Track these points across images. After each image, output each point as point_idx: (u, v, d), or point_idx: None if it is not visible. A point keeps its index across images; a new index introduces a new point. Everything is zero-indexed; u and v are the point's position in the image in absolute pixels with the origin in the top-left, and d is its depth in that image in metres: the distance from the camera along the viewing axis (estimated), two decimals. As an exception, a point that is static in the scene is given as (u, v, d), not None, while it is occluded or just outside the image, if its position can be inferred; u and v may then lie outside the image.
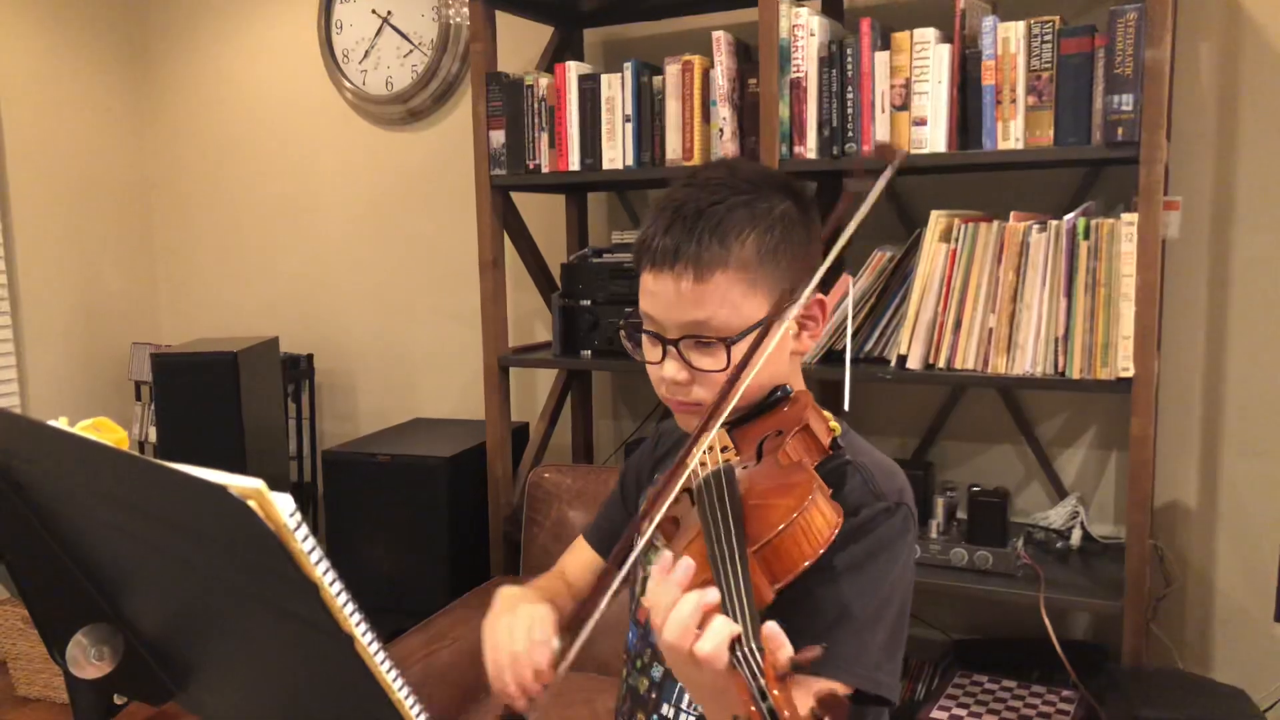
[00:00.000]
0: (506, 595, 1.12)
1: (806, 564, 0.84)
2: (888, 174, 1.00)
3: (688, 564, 0.81)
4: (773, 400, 1.06)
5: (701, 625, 0.76)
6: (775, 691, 0.66)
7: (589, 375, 2.80)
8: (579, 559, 1.31)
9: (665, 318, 1.03)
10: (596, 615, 0.96)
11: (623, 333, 1.13)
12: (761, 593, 0.82)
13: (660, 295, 1.03)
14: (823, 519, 0.85)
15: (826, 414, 1.06)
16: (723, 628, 0.74)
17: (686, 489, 0.95)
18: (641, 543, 0.96)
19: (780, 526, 0.82)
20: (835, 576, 0.95)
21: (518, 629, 1.01)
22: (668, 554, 0.84)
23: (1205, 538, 2.23)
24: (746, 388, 0.98)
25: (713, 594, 0.78)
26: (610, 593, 0.96)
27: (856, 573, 0.96)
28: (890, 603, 0.98)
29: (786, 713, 0.64)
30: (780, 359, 1.06)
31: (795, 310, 1.02)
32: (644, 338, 1.08)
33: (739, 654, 0.71)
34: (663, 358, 1.04)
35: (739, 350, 1.00)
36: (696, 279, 1.00)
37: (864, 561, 0.97)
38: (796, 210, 1.06)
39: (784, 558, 0.83)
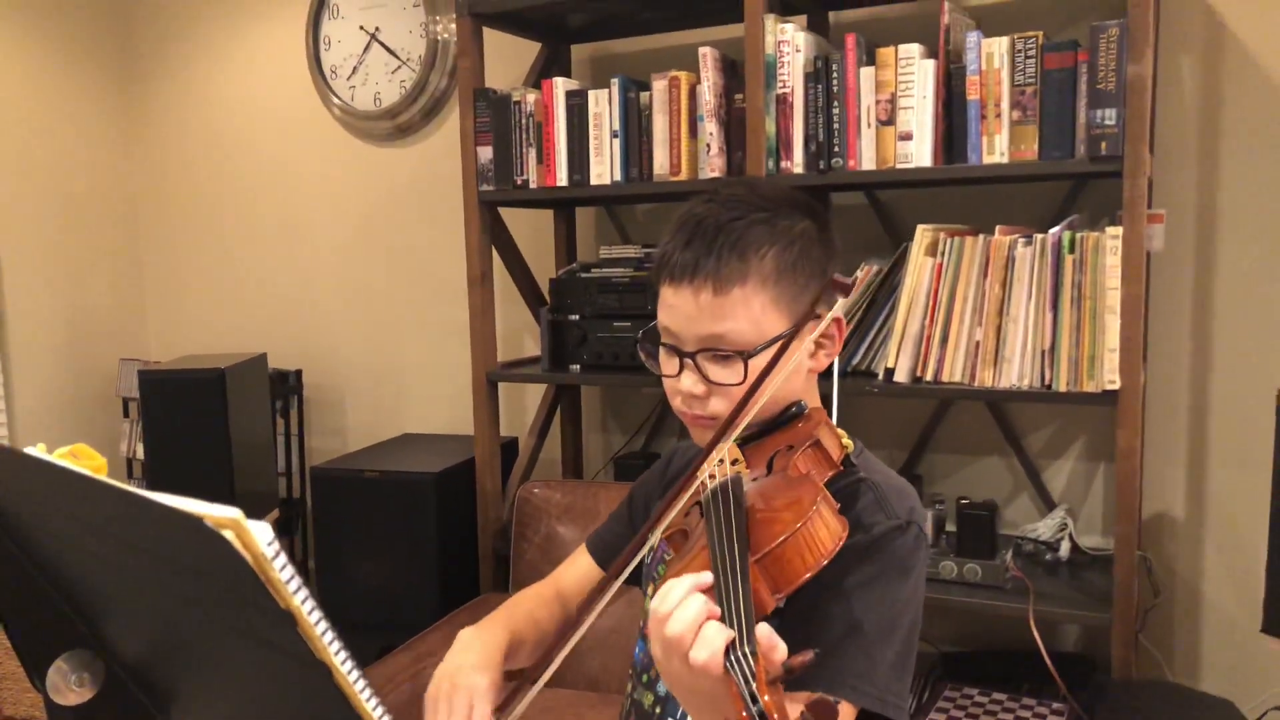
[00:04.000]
0: (461, 644, 1.11)
1: (809, 574, 0.84)
2: None
3: (694, 576, 0.81)
4: (787, 416, 1.07)
5: (696, 633, 0.76)
6: (766, 697, 0.66)
7: (578, 390, 2.80)
8: (578, 567, 1.32)
9: (683, 331, 1.05)
10: (538, 687, 0.97)
11: (639, 345, 1.15)
12: (762, 601, 0.82)
13: (679, 309, 1.04)
14: (826, 531, 0.85)
15: (840, 431, 1.06)
16: (717, 634, 0.74)
17: (696, 502, 0.96)
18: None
19: (783, 536, 0.83)
20: (846, 593, 0.96)
21: (457, 708, 1.02)
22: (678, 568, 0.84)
23: (1193, 549, 2.23)
24: (762, 404, 0.98)
25: (701, 601, 0.77)
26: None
27: (867, 590, 0.96)
28: (899, 621, 0.98)
29: (776, 716, 0.65)
30: (797, 376, 1.06)
31: (819, 328, 1.04)
32: (661, 351, 1.09)
33: (732, 659, 0.71)
34: (679, 371, 1.05)
35: (756, 364, 1.01)
36: (716, 293, 1.01)
37: (874, 579, 0.97)
38: (815, 229, 1.07)
39: (786, 568, 0.83)
